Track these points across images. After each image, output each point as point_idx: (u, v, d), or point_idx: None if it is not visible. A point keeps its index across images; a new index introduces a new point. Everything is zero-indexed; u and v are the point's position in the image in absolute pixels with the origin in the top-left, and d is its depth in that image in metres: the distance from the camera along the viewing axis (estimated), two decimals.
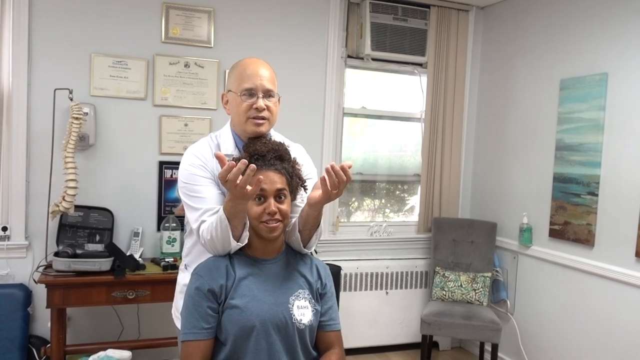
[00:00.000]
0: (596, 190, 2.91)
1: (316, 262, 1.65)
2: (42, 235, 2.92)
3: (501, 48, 3.70)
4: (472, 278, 3.45)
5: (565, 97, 3.13)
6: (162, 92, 3.16)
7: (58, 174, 2.83)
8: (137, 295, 2.74)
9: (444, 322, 3.19)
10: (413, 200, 4.01)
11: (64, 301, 2.65)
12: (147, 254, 3.14)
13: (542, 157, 3.30)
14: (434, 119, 3.75)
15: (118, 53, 3.06)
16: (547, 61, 3.29)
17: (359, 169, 3.81)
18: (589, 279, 2.95)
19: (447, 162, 3.80)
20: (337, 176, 1.44)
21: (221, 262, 1.53)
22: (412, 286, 3.77)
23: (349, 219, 3.85)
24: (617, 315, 2.79)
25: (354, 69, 3.71)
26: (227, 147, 1.70)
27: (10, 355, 2.77)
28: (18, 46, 2.87)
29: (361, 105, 3.77)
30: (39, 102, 2.92)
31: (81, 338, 3.03)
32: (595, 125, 2.92)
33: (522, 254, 3.43)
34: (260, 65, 1.68)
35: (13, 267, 2.92)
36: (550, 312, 3.21)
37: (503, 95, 3.66)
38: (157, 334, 3.06)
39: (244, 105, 1.64)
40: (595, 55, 2.96)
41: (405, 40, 3.63)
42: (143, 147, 3.15)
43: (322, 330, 1.59)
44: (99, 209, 3.03)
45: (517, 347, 3.43)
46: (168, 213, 3.17)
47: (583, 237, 2.98)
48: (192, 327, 1.47)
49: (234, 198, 1.42)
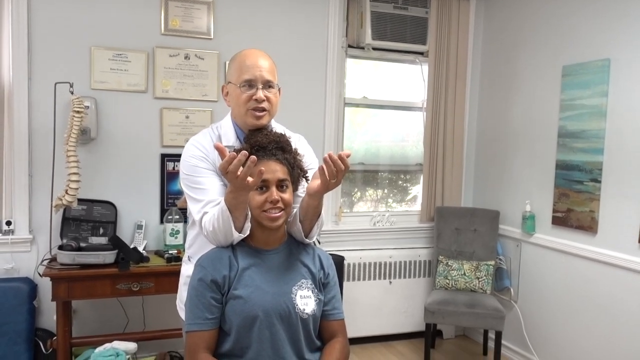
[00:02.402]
0: (599, 177, 2.90)
1: (318, 251, 1.66)
2: (46, 229, 2.94)
3: (502, 35, 3.67)
4: (476, 266, 3.46)
5: (568, 84, 3.11)
6: (162, 85, 3.15)
7: (60, 167, 2.84)
8: (141, 287, 2.75)
9: (447, 311, 3.20)
10: (415, 190, 4.01)
11: (69, 294, 2.67)
12: (151, 247, 3.15)
13: (545, 144, 3.29)
14: (436, 107, 3.74)
15: (118, 46, 3.05)
16: (549, 48, 3.27)
17: (361, 159, 3.81)
18: (592, 265, 2.95)
19: (450, 151, 3.79)
20: (336, 165, 1.44)
21: (224, 253, 1.53)
22: (415, 275, 3.78)
23: (352, 209, 3.86)
24: (621, 302, 2.79)
25: (354, 59, 3.70)
26: (228, 138, 1.70)
27: (17, 347, 2.79)
28: (18, 40, 2.86)
29: (362, 95, 3.76)
30: (40, 96, 2.92)
31: (87, 330, 3.05)
32: (598, 111, 2.91)
33: (525, 241, 3.43)
34: (259, 56, 1.67)
35: (18, 261, 2.93)
36: (554, 299, 3.21)
37: (505, 83, 3.65)
38: (162, 326, 3.08)
39: (243, 97, 1.64)
40: (597, 41, 2.94)
41: (406, 29, 3.61)
42: (145, 140, 3.15)
43: (326, 320, 1.60)
44: (102, 202, 3.04)
45: (520, 335, 3.44)
46: (171, 205, 3.18)
47: (586, 224, 2.98)
48: (196, 317, 1.48)
49: (235, 189, 1.42)
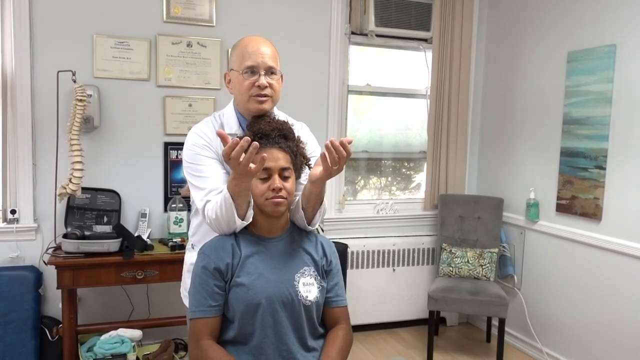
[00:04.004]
0: (604, 164, 2.88)
1: (321, 239, 1.66)
2: (50, 218, 2.95)
3: (507, 21, 3.64)
4: (479, 254, 3.45)
5: (573, 70, 3.08)
6: (165, 73, 3.14)
7: (64, 156, 2.84)
8: (145, 275, 2.77)
9: (451, 298, 3.21)
10: (419, 178, 4.00)
11: (74, 282, 2.68)
12: (155, 235, 3.16)
13: (549, 131, 3.26)
14: (440, 95, 3.71)
15: (120, 34, 3.04)
16: (554, 33, 3.23)
17: (364, 147, 3.80)
18: (597, 253, 2.95)
19: (453, 139, 3.77)
20: (337, 152, 1.43)
21: (227, 240, 1.54)
22: (419, 263, 3.78)
23: (356, 197, 3.85)
24: (625, 289, 2.79)
25: (358, 46, 3.67)
26: (230, 126, 1.70)
27: (23, 335, 2.82)
28: (20, 28, 2.85)
29: (366, 83, 3.74)
30: (43, 84, 2.92)
31: (92, 318, 3.07)
32: (603, 98, 2.88)
33: (529, 229, 3.43)
34: (261, 43, 1.67)
35: (23, 250, 2.95)
36: (557, 287, 3.21)
37: (509, 69, 3.62)
38: (167, 313, 3.10)
39: (246, 83, 1.63)
40: (603, 27, 2.91)
41: (409, 15, 3.58)
42: (148, 128, 3.15)
43: (329, 307, 1.61)
44: (106, 191, 3.04)
45: (524, 322, 3.45)
46: (174, 194, 3.18)
47: (590, 211, 2.96)
48: (199, 305, 1.49)
49: (237, 176, 1.42)
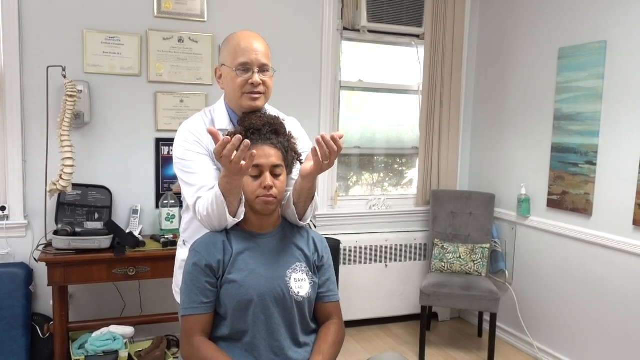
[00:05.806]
0: (594, 160, 2.90)
1: (313, 234, 1.66)
2: (41, 214, 2.93)
3: (499, 17, 3.64)
4: (471, 249, 3.47)
5: (564, 66, 3.09)
6: (156, 68, 3.12)
7: (54, 152, 2.82)
8: (137, 272, 2.75)
9: (443, 293, 3.22)
10: (411, 174, 4.01)
11: (65, 279, 2.66)
12: (147, 231, 3.15)
13: (540, 127, 3.28)
14: (432, 91, 3.72)
15: (110, 29, 3.01)
16: (546, 30, 3.24)
17: (356, 143, 3.80)
18: (587, 248, 2.97)
19: (445, 135, 3.78)
20: (328, 146, 1.43)
21: (218, 237, 1.53)
22: (411, 258, 3.79)
23: (348, 193, 3.86)
24: (615, 284, 2.81)
25: (350, 42, 3.67)
26: (221, 121, 1.69)
27: (14, 332, 2.80)
28: (9, 23, 2.82)
29: (358, 79, 3.74)
30: (32, 80, 2.89)
31: (84, 315, 3.06)
32: (594, 94, 2.90)
33: (520, 224, 3.44)
34: (254, 39, 1.65)
35: (13, 246, 2.93)
36: (548, 282, 3.24)
37: (501, 65, 3.63)
38: (159, 310, 3.09)
39: (239, 81, 1.62)
40: (594, 24, 2.92)
41: (402, 10, 3.58)
42: (139, 124, 3.13)
43: (321, 302, 1.61)
44: (97, 187, 3.02)
45: (515, 317, 3.47)
46: (166, 190, 3.17)
47: (581, 207, 2.98)
48: (191, 302, 1.49)
49: (229, 174, 1.42)
